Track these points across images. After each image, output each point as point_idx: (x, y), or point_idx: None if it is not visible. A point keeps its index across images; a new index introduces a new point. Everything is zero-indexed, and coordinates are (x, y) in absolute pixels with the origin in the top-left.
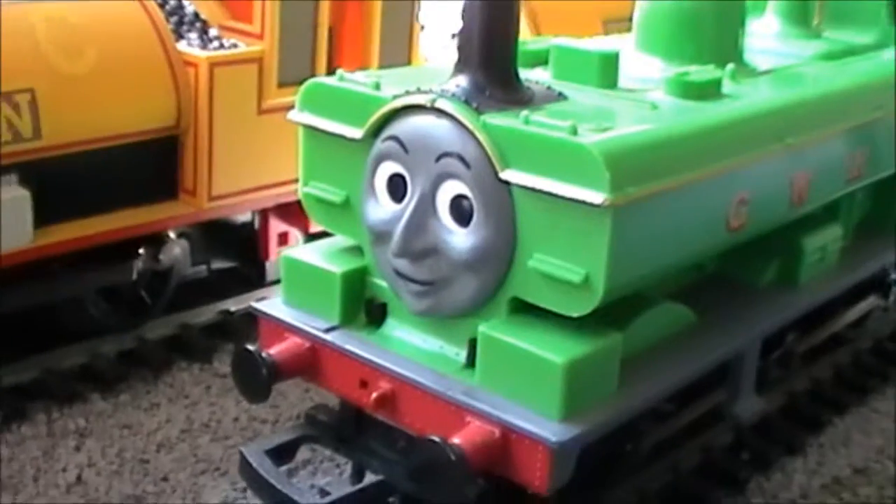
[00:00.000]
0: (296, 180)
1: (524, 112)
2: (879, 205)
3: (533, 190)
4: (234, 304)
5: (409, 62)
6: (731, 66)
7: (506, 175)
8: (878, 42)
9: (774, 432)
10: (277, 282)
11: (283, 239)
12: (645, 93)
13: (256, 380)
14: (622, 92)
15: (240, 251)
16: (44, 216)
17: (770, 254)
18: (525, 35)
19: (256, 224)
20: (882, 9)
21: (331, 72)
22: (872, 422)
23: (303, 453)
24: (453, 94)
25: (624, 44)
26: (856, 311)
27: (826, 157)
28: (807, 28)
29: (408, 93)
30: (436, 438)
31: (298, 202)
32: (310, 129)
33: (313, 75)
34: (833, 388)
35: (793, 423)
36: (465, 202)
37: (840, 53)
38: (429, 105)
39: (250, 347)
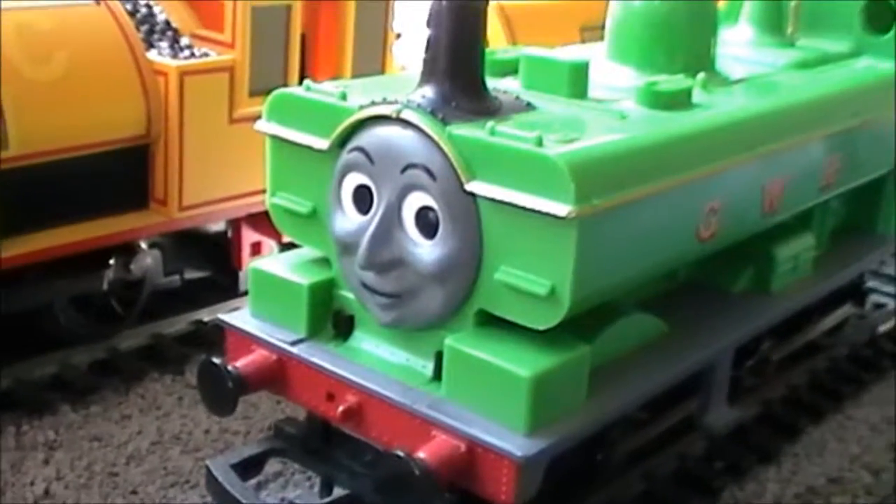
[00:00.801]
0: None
1: (490, 123)
2: (856, 212)
3: (499, 202)
4: (207, 314)
5: (382, 70)
6: (702, 75)
7: (471, 186)
8: (852, 50)
9: (749, 440)
10: None
11: (256, 248)
12: (615, 103)
13: (222, 393)
14: (592, 102)
15: (213, 261)
16: (10, 227)
17: (743, 262)
18: (501, 43)
19: (229, 233)
20: (855, 17)
21: (303, 80)
22: (848, 430)
23: (274, 466)
24: (419, 105)
25: (596, 52)
26: (832, 319)
27: (798, 166)
28: (781, 36)
29: (374, 103)
30: (400, 453)
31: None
32: (277, 139)
33: (285, 84)
34: (808, 395)
35: (768, 431)
36: (430, 214)
37: (814, 62)
38: (394, 116)
39: (216, 360)
